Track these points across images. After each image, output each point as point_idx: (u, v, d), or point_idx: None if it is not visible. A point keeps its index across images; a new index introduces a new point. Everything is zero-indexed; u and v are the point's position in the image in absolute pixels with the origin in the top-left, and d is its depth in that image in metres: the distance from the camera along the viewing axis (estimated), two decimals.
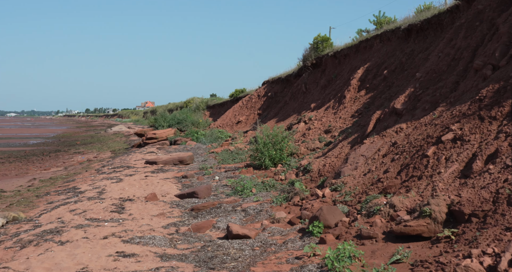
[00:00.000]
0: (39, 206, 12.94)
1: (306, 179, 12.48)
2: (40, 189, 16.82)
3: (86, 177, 18.29)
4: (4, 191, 17.10)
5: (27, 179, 20.85)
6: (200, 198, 12.49)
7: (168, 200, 12.53)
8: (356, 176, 10.24)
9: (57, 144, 47.62)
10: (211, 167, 18.55)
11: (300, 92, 28.25)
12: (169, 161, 20.71)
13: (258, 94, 37.67)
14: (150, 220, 10.20)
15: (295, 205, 10.33)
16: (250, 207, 10.68)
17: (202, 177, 16.22)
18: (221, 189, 13.73)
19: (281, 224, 9.30)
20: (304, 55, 28.20)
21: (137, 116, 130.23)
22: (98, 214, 10.83)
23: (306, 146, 17.07)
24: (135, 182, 15.39)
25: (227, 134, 32.51)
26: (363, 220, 8.02)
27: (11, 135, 65.09)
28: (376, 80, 19.02)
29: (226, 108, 49.20)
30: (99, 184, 15.56)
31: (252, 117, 35.68)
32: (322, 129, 19.21)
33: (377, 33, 21.48)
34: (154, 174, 17.85)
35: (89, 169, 22.26)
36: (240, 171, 16.23)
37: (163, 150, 28.67)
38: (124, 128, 69.16)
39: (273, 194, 12.05)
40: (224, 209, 10.89)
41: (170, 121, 41.06)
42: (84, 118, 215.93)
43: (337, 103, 20.51)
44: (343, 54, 24.85)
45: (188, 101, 67.76)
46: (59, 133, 72.92)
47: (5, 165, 27.88)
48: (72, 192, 14.75)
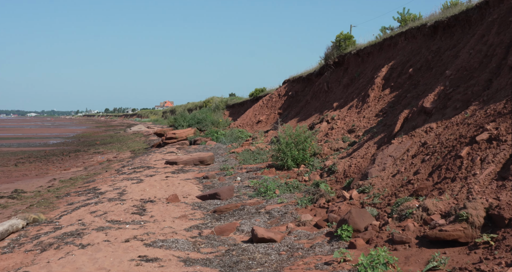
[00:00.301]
0: (59, 207, 12.79)
1: (331, 180, 12.12)
2: (60, 189, 16.72)
3: (106, 178, 18.15)
4: (24, 191, 17.04)
5: (47, 179, 20.81)
6: (222, 199, 12.22)
7: (190, 202, 12.28)
8: (384, 177, 9.87)
9: (76, 143, 47.82)
10: (232, 167, 18.28)
11: (322, 91, 27.84)
12: (189, 161, 20.50)
13: (278, 94, 37.32)
14: (172, 222, 9.95)
15: (321, 207, 10.00)
16: (274, 209, 10.37)
17: (223, 178, 15.96)
18: (243, 190, 13.45)
19: (307, 227, 8.97)
20: (326, 54, 27.77)
21: (156, 116, 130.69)
22: (119, 216, 10.61)
23: (330, 146, 16.70)
24: (155, 183, 15.18)
25: (247, 134, 32.25)
26: (394, 224, 7.65)
27: (32, 135, 65.64)
28: (401, 79, 18.57)
29: (246, 108, 48.91)
30: (119, 184, 15.39)
31: (272, 116, 35.35)
32: (345, 129, 18.82)
33: (402, 30, 21.00)
34: (175, 174, 17.64)
35: (109, 169, 22.16)
36: (262, 172, 15.93)
37: (183, 149, 28.51)
38: (143, 128, 69.32)
39: (297, 196, 11.72)
40: (247, 211, 10.59)
41: (190, 121, 40.91)
42: (103, 118, 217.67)
43: (360, 103, 20.10)
44: (366, 52, 24.38)
45: (208, 101, 67.64)
46: (79, 133, 73.37)
47: (25, 165, 27.96)
48: (93, 192, 14.59)
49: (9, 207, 14.03)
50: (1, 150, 39.69)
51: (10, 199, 15.56)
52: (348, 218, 7.79)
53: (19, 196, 16.00)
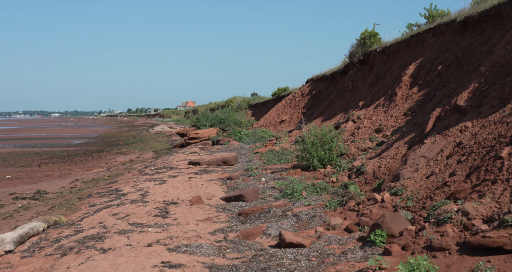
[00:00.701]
0: (81, 209, 12.57)
1: (360, 181, 11.66)
2: (82, 190, 16.54)
3: (129, 178, 17.94)
4: (46, 192, 16.90)
5: (70, 180, 20.70)
6: (247, 201, 11.86)
7: (214, 203, 11.94)
8: (417, 179, 9.38)
9: (99, 144, 47.97)
10: (257, 168, 17.92)
11: (347, 90, 27.31)
12: (212, 161, 20.20)
13: (302, 93, 36.85)
14: (196, 226, 9.61)
15: (351, 210, 9.53)
16: (302, 211, 9.95)
17: (247, 179, 15.60)
18: (268, 192, 13.06)
19: (337, 231, 8.53)
20: (350, 52, 27.22)
21: (178, 116, 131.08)
22: (142, 218, 10.32)
23: (357, 146, 16.22)
24: (178, 184, 14.90)
25: (270, 134, 31.87)
26: (432, 229, 7.17)
27: (55, 135, 66.22)
28: (430, 77, 17.99)
29: (268, 107, 48.54)
30: (142, 185, 15.14)
31: (296, 116, 34.91)
32: (372, 129, 18.31)
33: (430, 26, 20.38)
34: (198, 175, 17.34)
35: (131, 169, 21.98)
36: (288, 172, 15.53)
37: (205, 150, 28.25)
38: (165, 128, 69.41)
39: (325, 198, 11.29)
40: (273, 214, 10.20)
41: (212, 121, 40.68)
42: (126, 118, 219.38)
43: (387, 101, 19.56)
44: (392, 50, 23.80)
45: (230, 101, 67.40)
46: (102, 133, 73.80)
47: (48, 165, 28.00)
48: (115, 194, 14.36)
49: (31, 208, 13.87)
50: (25, 150, 39.97)
51: (32, 200, 15.43)
52: (382, 222, 7.34)
53: (41, 197, 15.87)
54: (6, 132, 76.77)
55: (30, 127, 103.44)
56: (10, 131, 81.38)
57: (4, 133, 73.11)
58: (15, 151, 39.80)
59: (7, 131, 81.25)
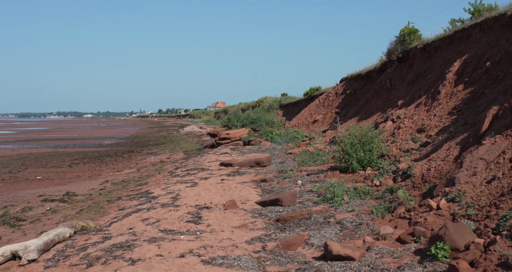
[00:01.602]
0: (110, 213, 11.97)
1: (407, 185, 10.73)
2: (111, 192, 16.01)
3: (159, 180, 17.34)
4: (76, 194, 16.44)
5: (100, 181, 20.27)
6: (285, 205, 11.06)
7: (249, 208, 11.17)
8: (476, 183, 8.43)
9: (130, 144, 47.86)
10: (291, 170, 17.12)
11: (384, 89, 26.24)
12: (245, 162, 19.48)
13: (335, 92, 35.85)
14: (231, 233, 8.85)
15: (401, 218, 8.62)
16: (346, 218, 9.09)
17: (282, 181, 14.80)
18: (306, 195, 12.24)
19: (388, 242, 7.65)
20: (389, 49, 26.12)
21: (208, 116, 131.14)
22: (173, 224, 9.62)
23: (399, 147, 15.26)
24: (211, 186, 14.20)
25: (303, 134, 31.02)
26: (505, 243, 6.24)
27: (87, 136, 66.67)
28: (477, 74, 16.90)
29: (300, 107, 47.67)
30: (172, 188, 14.49)
31: (329, 116, 33.95)
32: (414, 128, 17.31)
33: (476, 21, 19.22)
34: (230, 177, 16.63)
35: (162, 171, 21.43)
36: (325, 175, 14.68)
37: (237, 150, 27.57)
38: (196, 129, 69.15)
39: (370, 203, 10.42)
40: (314, 220, 9.37)
41: (244, 121, 40.00)
42: (156, 119, 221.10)
43: (429, 100, 18.52)
44: (433, 47, 22.67)
45: (261, 101, 66.75)
46: (133, 134, 74.06)
47: (79, 166, 27.76)
48: (145, 197, 13.75)
49: (59, 211, 13.37)
50: (57, 151, 40.05)
51: (61, 202, 14.96)
52: (444, 233, 6.44)
53: (70, 199, 15.39)
54: (40, 133, 77.75)
55: (63, 128, 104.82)
56: (43, 132, 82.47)
57: (38, 134, 74.04)
58: (47, 151, 39.92)
59: (41, 132, 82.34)
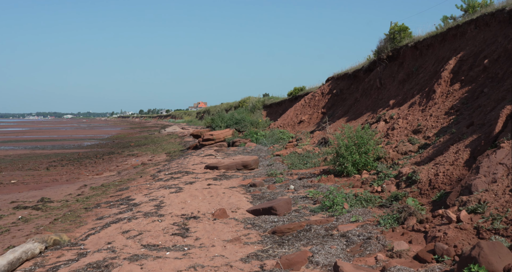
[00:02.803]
0: (87, 223, 10.89)
1: (413, 191, 9.85)
2: (90, 198, 14.93)
3: (141, 185, 16.28)
4: (51, 200, 15.33)
5: (78, 185, 19.16)
6: (279, 214, 10.12)
7: (240, 217, 10.19)
8: (498, 192, 7.56)
9: (111, 145, 46.63)
10: (281, 173, 16.18)
11: (374, 88, 25.47)
12: (231, 165, 18.50)
13: (321, 92, 35.05)
14: (223, 249, 7.86)
15: (414, 231, 7.69)
16: (351, 231, 8.14)
17: (273, 186, 13.87)
18: (301, 202, 11.31)
19: (405, 261, 6.69)
20: (378, 47, 25.34)
21: (190, 117, 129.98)
22: (157, 238, 8.60)
23: (395, 149, 14.43)
24: (197, 192, 13.20)
25: (289, 135, 30.16)
26: None
27: (66, 137, 65.15)
28: (474, 72, 16.16)
29: (284, 108, 46.89)
30: (156, 194, 13.46)
31: (315, 116, 33.13)
32: (409, 129, 16.51)
33: (472, 18, 18.50)
34: (217, 181, 15.65)
35: (144, 174, 20.35)
36: (319, 179, 13.77)
37: (221, 152, 26.58)
38: (178, 129, 68.00)
39: (373, 212, 9.52)
40: (315, 233, 8.41)
41: (228, 122, 39.00)
42: (138, 119, 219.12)
43: (424, 99, 17.74)
44: (425, 45, 21.94)
45: (243, 101, 65.86)
46: (113, 134, 72.70)
47: (57, 169, 26.57)
48: (126, 204, 12.69)
49: (31, 220, 12.26)
50: (35, 153, 38.68)
51: (35, 210, 13.84)
52: (478, 254, 5.54)
53: (44, 206, 14.28)
54: (18, 134, 75.98)
55: (42, 129, 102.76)
56: (22, 133, 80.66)
57: (15, 135, 72.30)
58: (24, 153, 38.54)
59: (19, 133, 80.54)
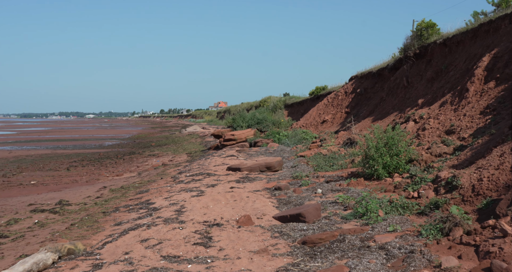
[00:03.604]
0: (105, 229, 10.35)
1: (454, 198, 9.08)
2: (108, 202, 14.42)
3: (161, 187, 15.74)
4: (69, 203, 14.88)
5: (97, 187, 18.72)
6: (308, 221, 9.44)
7: (266, 225, 9.54)
8: None
9: (131, 145, 46.42)
10: (307, 176, 15.50)
11: (400, 87, 24.60)
12: (254, 167, 17.86)
13: (345, 91, 34.22)
14: (249, 261, 7.19)
15: (463, 244, 6.89)
16: (390, 243, 7.40)
17: (299, 189, 13.18)
18: (330, 208, 10.61)
19: None
20: (405, 45, 24.42)
21: (210, 116, 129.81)
22: (178, 248, 7.98)
23: (429, 151, 13.62)
24: (219, 196, 12.58)
25: (312, 135, 29.43)
26: None
27: (88, 136, 65.28)
28: (510, 69, 15.28)
29: (305, 107, 46.14)
30: (176, 197, 12.88)
31: (339, 116, 32.33)
32: (441, 130, 15.69)
33: (506, 12, 17.57)
34: (240, 183, 15.03)
35: (164, 175, 19.83)
36: (349, 183, 13.03)
37: (243, 152, 25.98)
38: (198, 129, 67.63)
39: (412, 220, 8.77)
40: (350, 244, 7.70)
41: (249, 121, 38.35)
42: (158, 119, 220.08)
43: (456, 98, 16.88)
44: (455, 41, 21.03)
45: (264, 100, 65.22)
46: (134, 134, 72.73)
47: (77, 169, 26.27)
48: (145, 208, 12.14)
49: (47, 225, 11.78)
50: (56, 152, 38.57)
51: (52, 213, 13.39)
52: None
53: (62, 209, 13.82)
54: (40, 134, 76.44)
55: (64, 128, 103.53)
56: (44, 133, 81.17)
57: (38, 135, 72.72)
58: (46, 153, 38.46)
59: (42, 133, 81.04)
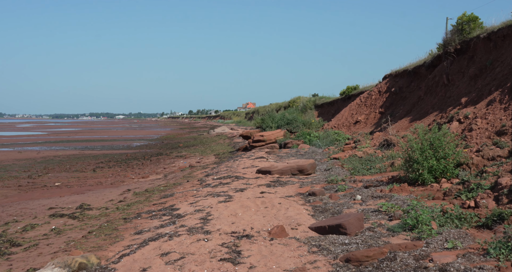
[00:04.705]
0: (123, 238, 9.41)
1: None
2: (131, 206, 13.55)
3: (187, 191, 14.80)
4: (90, 208, 14.08)
5: (121, 189, 17.94)
6: (350, 234, 8.34)
7: (302, 237, 8.44)
8: None
9: (159, 146, 45.93)
10: (343, 180, 14.36)
11: (440, 85, 23.19)
12: (286, 170, 16.81)
13: (378, 90, 32.87)
14: None
15: None
16: (453, 264, 6.18)
17: (335, 195, 12.06)
18: (373, 218, 9.46)
19: None
20: (444, 40, 23.01)
21: (239, 117, 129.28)
22: (203, 264, 6.95)
23: (481, 154, 12.35)
24: (249, 202, 11.55)
25: (345, 137, 28.22)
26: None
27: (117, 137, 65.22)
28: None
29: (336, 108, 44.90)
30: (202, 203, 11.91)
31: (373, 116, 31.01)
32: (491, 131, 14.40)
33: None
34: (271, 188, 13.99)
35: (190, 178, 18.92)
36: (391, 189, 11.84)
37: (273, 154, 24.93)
38: (227, 130, 66.89)
39: (472, 234, 7.58)
40: (403, 264, 6.52)
41: (279, 122, 37.25)
42: (187, 120, 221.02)
43: (506, 96, 15.54)
44: (501, 35, 19.60)
45: (293, 101, 64.12)
46: (163, 135, 72.57)
47: (103, 171, 25.68)
48: (169, 214, 11.19)
49: (64, 232, 10.94)
50: (84, 153, 38.26)
51: (71, 219, 12.59)
52: None
53: (82, 214, 13.00)
54: (70, 134, 76.92)
55: (94, 129, 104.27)
56: (74, 133, 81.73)
57: (67, 135, 73.14)
58: (73, 153, 38.19)
59: (71, 133, 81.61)
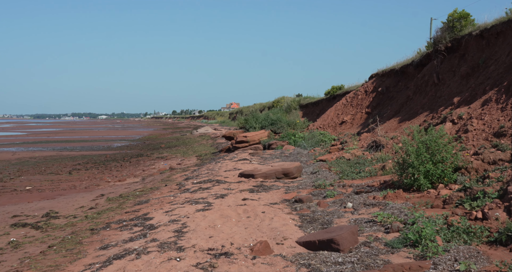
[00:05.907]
0: (86, 255, 8.28)
1: None
2: (101, 214, 12.42)
3: (164, 197, 13.71)
4: (57, 216, 12.93)
5: (95, 194, 16.81)
6: (343, 250, 7.33)
7: (289, 254, 7.39)
8: None
9: (141, 147, 44.73)
10: (331, 185, 13.38)
11: (430, 85, 22.34)
12: (270, 173, 15.80)
13: (365, 90, 32.02)
14: None
15: None
16: None
17: (324, 202, 11.07)
18: (368, 229, 8.46)
19: None
20: (434, 38, 22.16)
21: (222, 117, 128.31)
22: None
23: (481, 157, 11.44)
24: (229, 210, 10.50)
25: (331, 137, 27.31)
26: None
27: (98, 137, 63.89)
28: None
29: (321, 108, 44.00)
30: (179, 211, 10.82)
31: (359, 116, 30.13)
32: (488, 132, 13.53)
33: None
34: (254, 194, 12.96)
35: (169, 182, 17.81)
36: (385, 195, 10.85)
37: (257, 156, 23.90)
38: (210, 130, 65.80)
39: (484, 252, 6.64)
40: None
41: (263, 122, 36.23)
42: (170, 120, 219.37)
43: (503, 96, 14.69)
44: (494, 33, 18.79)
45: (277, 101, 63.24)
46: (145, 135, 71.34)
47: (80, 173, 24.48)
48: (141, 225, 10.09)
49: (22, 246, 9.78)
50: (62, 154, 36.97)
51: (34, 229, 11.43)
52: None
53: (46, 224, 11.84)
54: (50, 135, 75.31)
55: (75, 130, 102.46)
56: (54, 134, 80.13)
57: (47, 136, 71.54)
58: (51, 154, 36.86)
59: (51, 134, 80.00)
